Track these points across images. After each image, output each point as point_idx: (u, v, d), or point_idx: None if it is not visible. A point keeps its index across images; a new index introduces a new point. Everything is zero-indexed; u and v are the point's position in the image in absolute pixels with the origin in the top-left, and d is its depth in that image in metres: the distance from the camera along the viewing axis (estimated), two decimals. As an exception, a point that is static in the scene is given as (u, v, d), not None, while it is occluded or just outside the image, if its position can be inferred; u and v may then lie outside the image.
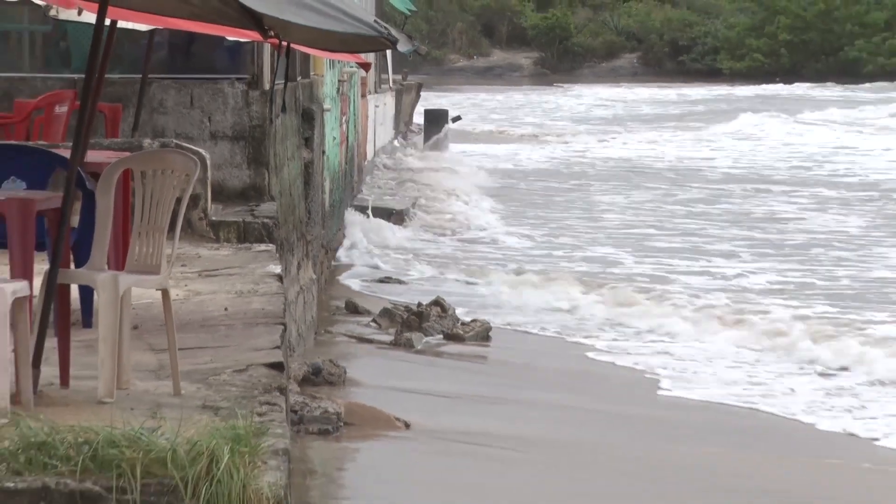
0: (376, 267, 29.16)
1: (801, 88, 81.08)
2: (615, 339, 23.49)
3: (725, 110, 74.15)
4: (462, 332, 22.57)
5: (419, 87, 59.47)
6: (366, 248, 30.38)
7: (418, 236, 34.45)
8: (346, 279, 27.64)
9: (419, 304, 23.41)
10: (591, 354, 22.35)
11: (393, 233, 32.65)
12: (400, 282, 29.85)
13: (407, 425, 17.38)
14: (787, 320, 24.00)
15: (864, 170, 55.25)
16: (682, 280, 29.84)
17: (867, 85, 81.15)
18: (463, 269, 29.56)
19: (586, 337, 23.62)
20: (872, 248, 35.85)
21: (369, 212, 32.40)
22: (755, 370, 21.51)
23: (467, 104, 71.63)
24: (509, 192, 45.52)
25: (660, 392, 19.97)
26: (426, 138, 54.59)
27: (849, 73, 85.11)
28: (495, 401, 19.75)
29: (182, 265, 13.15)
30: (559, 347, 23.06)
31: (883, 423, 18.26)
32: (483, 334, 22.69)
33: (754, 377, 21.05)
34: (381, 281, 29.60)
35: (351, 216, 31.46)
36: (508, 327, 24.02)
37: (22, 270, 9.48)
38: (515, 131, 66.15)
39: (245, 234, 15.48)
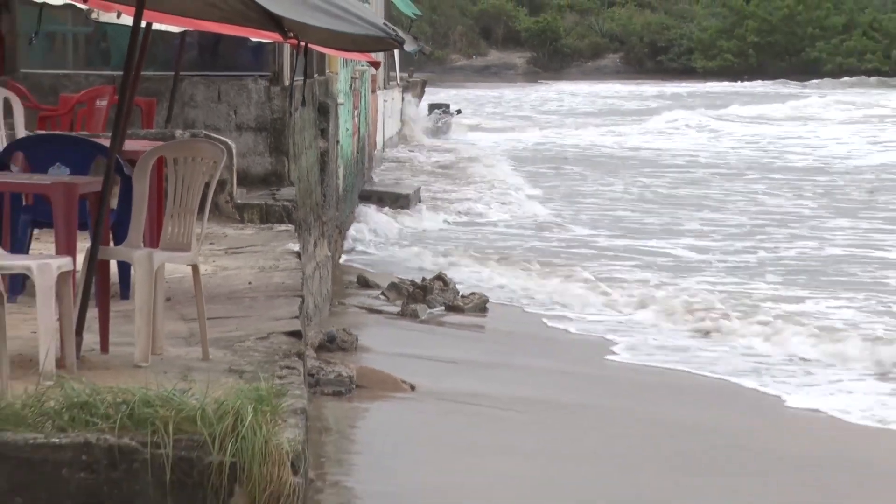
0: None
1: (760, 86, 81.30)
2: (584, 314, 23.44)
3: (674, 105, 74.47)
4: (462, 304, 22.60)
5: (424, 84, 59.41)
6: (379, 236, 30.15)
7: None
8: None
9: (423, 279, 23.42)
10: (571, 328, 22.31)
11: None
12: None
13: (412, 387, 17.41)
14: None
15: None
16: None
17: (815, 82, 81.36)
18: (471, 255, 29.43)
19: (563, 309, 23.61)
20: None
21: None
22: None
23: (468, 99, 71.41)
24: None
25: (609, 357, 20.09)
26: (434, 131, 54.64)
27: (810, 71, 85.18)
28: (492, 365, 19.74)
29: (210, 243, 13.15)
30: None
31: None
32: (481, 306, 22.71)
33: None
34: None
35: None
36: (502, 301, 23.97)
37: (66, 248, 9.49)
38: (498, 123, 66.19)
39: (267, 216, 15.48)
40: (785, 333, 21.09)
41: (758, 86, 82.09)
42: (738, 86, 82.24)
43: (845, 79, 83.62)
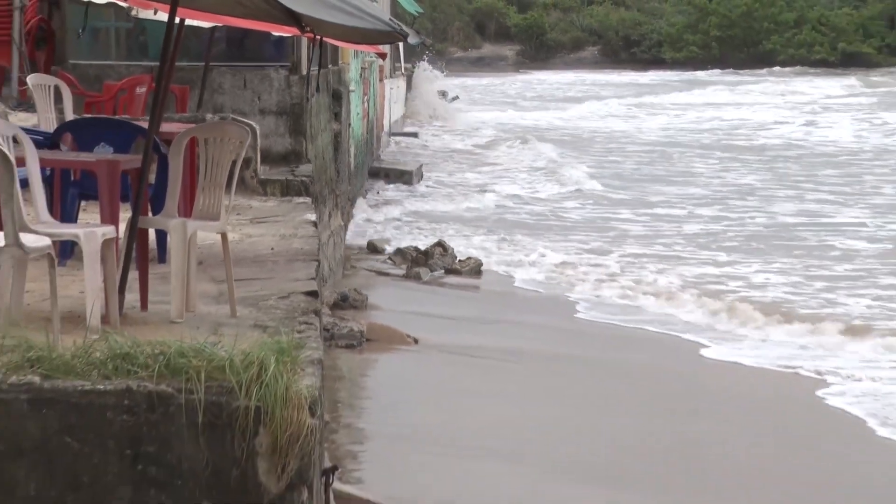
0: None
1: (714, 75, 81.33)
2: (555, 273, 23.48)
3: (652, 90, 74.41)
4: (459, 268, 22.64)
5: (426, 71, 59.13)
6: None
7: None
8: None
9: (426, 248, 23.47)
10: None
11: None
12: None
13: (416, 341, 17.48)
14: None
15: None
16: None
17: (763, 71, 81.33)
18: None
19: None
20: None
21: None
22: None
23: (465, 86, 71.29)
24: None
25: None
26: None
27: (765, 62, 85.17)
28: (486, 321, 19.82)
29: (237, 214, 13.13)
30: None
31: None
32: (476, 269, 22.73)
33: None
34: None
35: None
36: (495, 265, 23.99)
37: (110, 217, 9.48)
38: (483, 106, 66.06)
39: (287, 190, 15.47)
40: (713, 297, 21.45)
41: (715, 74, 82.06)
42: (702, 74, 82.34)
43: (797, 68, 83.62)
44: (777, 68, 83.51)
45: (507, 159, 43.25)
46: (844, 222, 30.98)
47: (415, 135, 43.67)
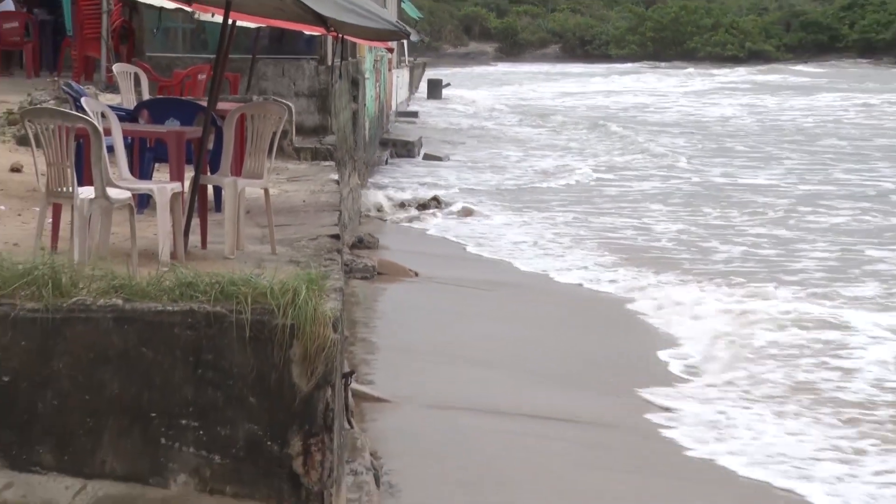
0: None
1: (647, 67, 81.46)
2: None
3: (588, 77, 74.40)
4: (456, 210, 22.93)
5: (424, 65, 59.13)
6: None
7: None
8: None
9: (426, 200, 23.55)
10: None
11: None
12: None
13: (416, 274, 17.52)
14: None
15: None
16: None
17: (687, 64, 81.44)
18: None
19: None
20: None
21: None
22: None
23: (457, 74, 71.08)
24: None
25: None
26: (429, 95, 54.41)
27: (689, 58, 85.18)
28: (469, 258, 19.85)
29: (276, 174, 13.04)
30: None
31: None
32: (467, 212, 22.85)
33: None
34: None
35: None
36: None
37: (177, 176, 9.46)
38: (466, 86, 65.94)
39: (316, 155, 15.45)
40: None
41: (648, 67, 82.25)
42: (640, 65, 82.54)
43: (714, 62, 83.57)
44: (695, 63, 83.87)
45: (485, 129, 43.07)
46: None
47: (415, 114, 43.42)
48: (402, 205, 23.29)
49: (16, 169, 11.77)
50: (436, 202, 23.24)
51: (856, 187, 29.29)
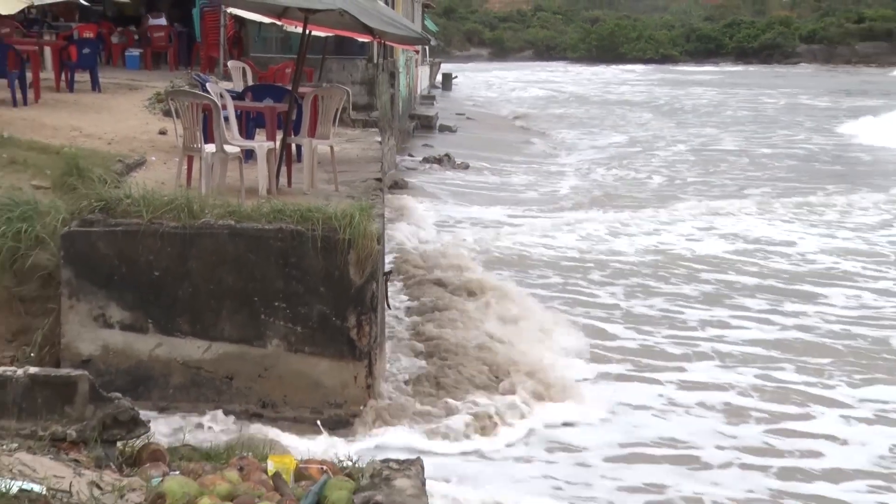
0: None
1: (591, 65, 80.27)
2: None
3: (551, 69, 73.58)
4: (457, 164, 22.54)
5: (439, 63, 57.79)
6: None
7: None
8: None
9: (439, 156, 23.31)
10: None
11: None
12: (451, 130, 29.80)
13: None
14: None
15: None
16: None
17: (618, 65, 79.97)
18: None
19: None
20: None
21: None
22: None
23: (462, 69, 70.04)
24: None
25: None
26: (443, 85, 53.53)
27: (621, 60, 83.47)
28: (471, 186, 19.60)
29: (338, 136, 12.77)
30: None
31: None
32: (465, 165, 22.56)
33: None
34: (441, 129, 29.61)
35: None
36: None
37: (271, 137, 9.32)
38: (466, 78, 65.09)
39: (365, 125, 15.28)
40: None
41: (592, 65, 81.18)
42: (585, 65, 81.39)
43: (639, 64, 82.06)
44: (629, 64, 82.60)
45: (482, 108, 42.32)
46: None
47: (433, 98, 42.76)
48: (424, 159, 23.08)
49: (162, 132, 11.66)
50: (447, 157, 23.00)
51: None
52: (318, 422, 7.07)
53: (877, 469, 7.09)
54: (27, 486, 3.41)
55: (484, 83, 57.98)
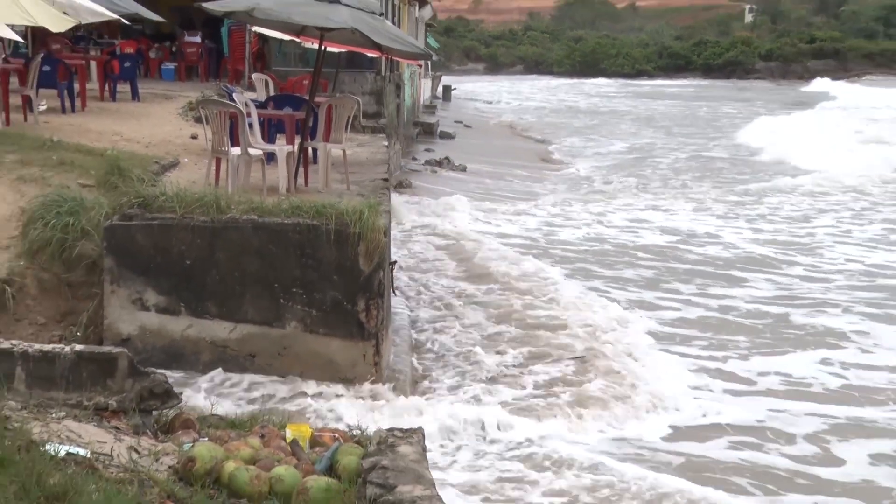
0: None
1: (575, 78, 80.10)
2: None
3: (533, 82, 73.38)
4: (456, 167, 22.44)
5: (440, 77, 57.54)
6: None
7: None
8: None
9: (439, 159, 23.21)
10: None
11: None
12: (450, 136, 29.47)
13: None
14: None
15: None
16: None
17: (599, 78, 79.59)
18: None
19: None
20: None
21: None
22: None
23: (460, 82, 69.79)
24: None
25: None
26: (443, 96, 53.15)
27: (602, 74, 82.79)
28: (467, 181, 19.51)
29: (350, 141, 12.74)
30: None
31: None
32: (462, 168, 22.46)
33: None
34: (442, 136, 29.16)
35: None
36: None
37: (290, 141, 9.26)
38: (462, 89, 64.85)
39: (374, 130, 15.16)
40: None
41: (575, 78, 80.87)
42: (570, 78, 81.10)
43: (618, 78, 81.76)
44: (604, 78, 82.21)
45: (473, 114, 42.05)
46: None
47: (434, 107, 42.46)
48: (426, 162, 22.99)
49: (194, 137, 11.61)
50: (447, 160, 22.92)
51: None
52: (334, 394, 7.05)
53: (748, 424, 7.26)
54: (73, 449, 3.41)
55: (480, 94, 57.58)
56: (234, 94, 9.93)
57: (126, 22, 15.94)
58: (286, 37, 12.47)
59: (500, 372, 8.01)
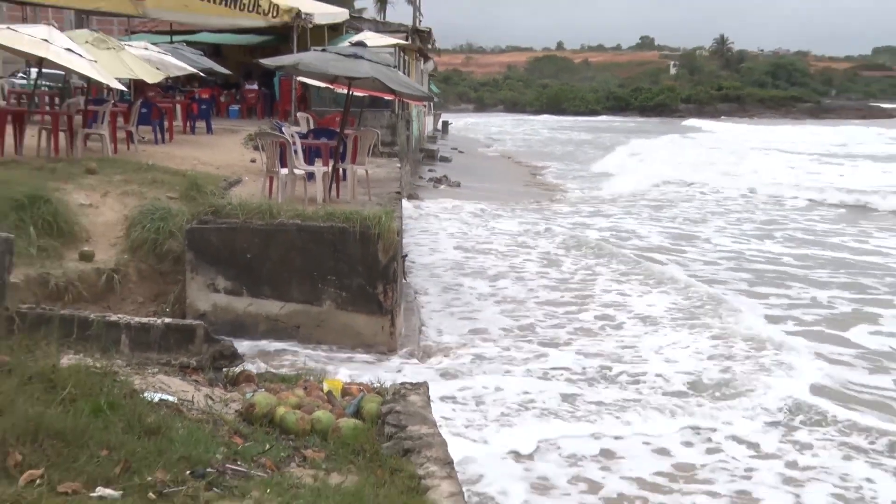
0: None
1: (544, 115, 79.37)
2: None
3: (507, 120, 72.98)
4: (453, 183, 22.31)
5: (440, 114, 56.68)
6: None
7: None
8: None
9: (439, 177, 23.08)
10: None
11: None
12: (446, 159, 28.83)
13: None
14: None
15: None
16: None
17: (562, 115, 78.51)
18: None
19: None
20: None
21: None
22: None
23: (455, 119, 69.38)
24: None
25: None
26: (442, 129, 52.62)
27: (563, 112, 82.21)
28: (462, 196, 19.25)
29: (370, 163, 12.76)
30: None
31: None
32: (457, 184, 22.33)
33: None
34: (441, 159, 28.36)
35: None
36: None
37: (326, 164, 9.21)
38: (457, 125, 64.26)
39: (390, 155, 15.15)
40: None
41: (543, 115, 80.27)
42: (539, 115, 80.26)
43: (576, 116, 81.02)
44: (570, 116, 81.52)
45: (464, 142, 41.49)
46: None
47: (435, 138, 42.13)
48: (429, 179, 22.93)
49: (253, 161, 11.56)
50: (445, 178, 22.85)
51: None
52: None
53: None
54: (164, 396, 3.45)
55: (470, 127, 57.37)
56: (283, 128, 9.92)
57: (203, 74, 15.94)
58: (323, 84, 12.42)
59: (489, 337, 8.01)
